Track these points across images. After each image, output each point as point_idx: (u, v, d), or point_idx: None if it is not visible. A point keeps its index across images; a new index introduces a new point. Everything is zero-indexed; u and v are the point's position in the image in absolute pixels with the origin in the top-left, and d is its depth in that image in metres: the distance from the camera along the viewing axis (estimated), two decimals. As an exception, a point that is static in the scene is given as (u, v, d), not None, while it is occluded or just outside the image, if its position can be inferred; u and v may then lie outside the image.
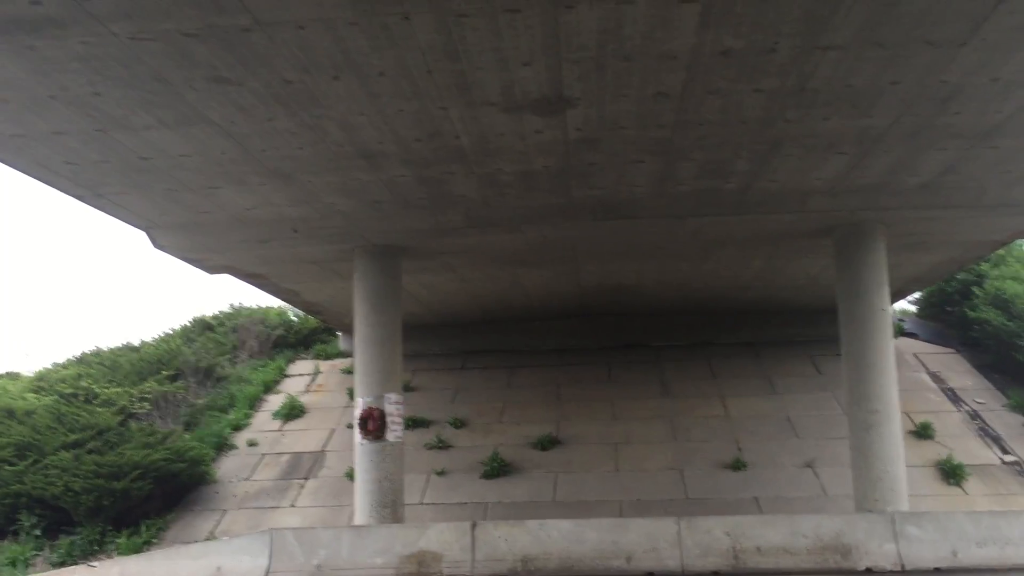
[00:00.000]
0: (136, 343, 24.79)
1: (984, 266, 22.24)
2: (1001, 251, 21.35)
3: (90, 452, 16.89)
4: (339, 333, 24.42)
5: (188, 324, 26.75)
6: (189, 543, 15.44)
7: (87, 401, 19.71)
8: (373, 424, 14.54)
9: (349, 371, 21.29)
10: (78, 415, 18.13)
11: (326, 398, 21.57)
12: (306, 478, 18.32)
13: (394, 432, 14.69)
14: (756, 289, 19.85)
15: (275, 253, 15.54)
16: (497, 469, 18.04)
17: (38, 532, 16.48)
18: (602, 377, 21.48)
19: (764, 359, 21.57)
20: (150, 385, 20.88)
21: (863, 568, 12.16)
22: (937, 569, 12.03)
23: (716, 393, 20.38)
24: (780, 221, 14.35)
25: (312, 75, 9.13)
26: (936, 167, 12.47)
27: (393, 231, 14.49)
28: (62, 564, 15.46)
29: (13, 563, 15.67)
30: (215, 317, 27.05)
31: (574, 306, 21.38)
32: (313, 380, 22.65)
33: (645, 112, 10.36)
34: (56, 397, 19.69)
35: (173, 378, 21.81)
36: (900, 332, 22.41)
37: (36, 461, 16.81)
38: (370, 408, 14.65)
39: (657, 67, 9.20)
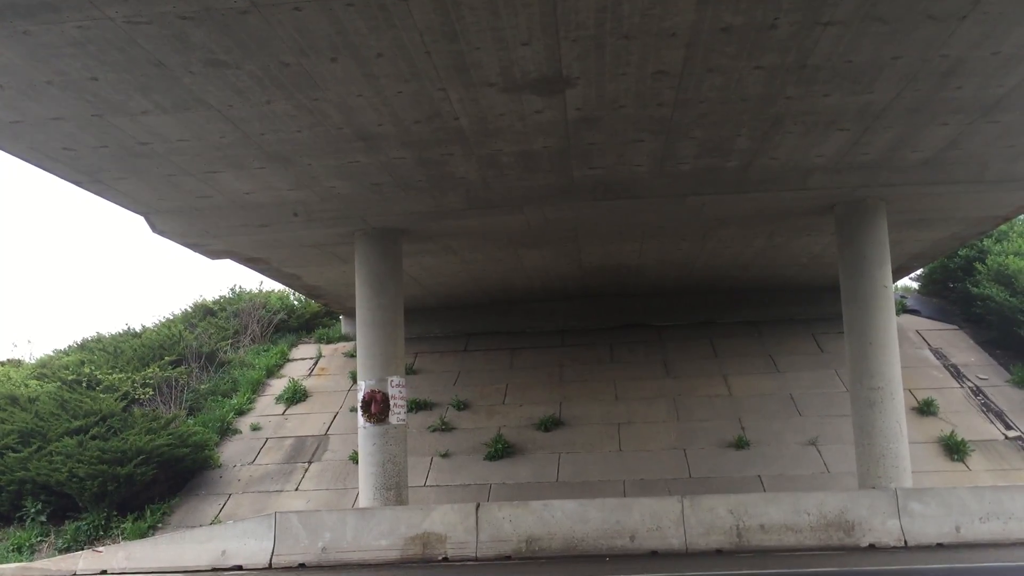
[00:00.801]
0: (138, 329, 24.82)
1: (987, 242, 22.21)
2: (1004, 226, 21.34)
3: (94, 438, 16.93)
4: (341, 317, 24.44)
5: (189, 309, 26.77)
6: (194, 527, 15.49)
7: (90, 387, 19.75)
8: (376, 407, 14.57)
9: (352, 355, 21.33)
10: (81, 401, 18.16)
11: (329, 382, 21.60)
12: (310, 461, 18.38)
13: (397, 415, 14.72)
14: (758, 268, 19.83)
15: (275, 237, 15.53)
16: (500, 451, 18.08)
17: (43, 518, 16.55)
18: (604, 357, 21.50)
19: (766, 337, 21.58)
20: (152, 371, 20.91)
21: (866, 544, 12.20)
22: (940, 544, 12.07)
23: (718, 372, 20.40)
24: (781, 199, 14.31)
25: (310, 57, 9.08)
26: (938, 142, 12.41)
27: (393, 214, 14.46)
28: (68, 550, 15.52)
29: (19, 549, 15.75)
30: (216, 302, 27.07)
31: (576, 287, 21.38)
32: (316, 364, 22.68)
33: (645, 90, 10.31)
34: (59, 384, 19.73)
35: (175, 363, 21.83)
36: (902, 309, 22.40)
37: (40, 448, 16.86)
38: (373, 391, 14.68)
39: (656, 45, 9.14)
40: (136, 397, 19.96)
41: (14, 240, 55.37)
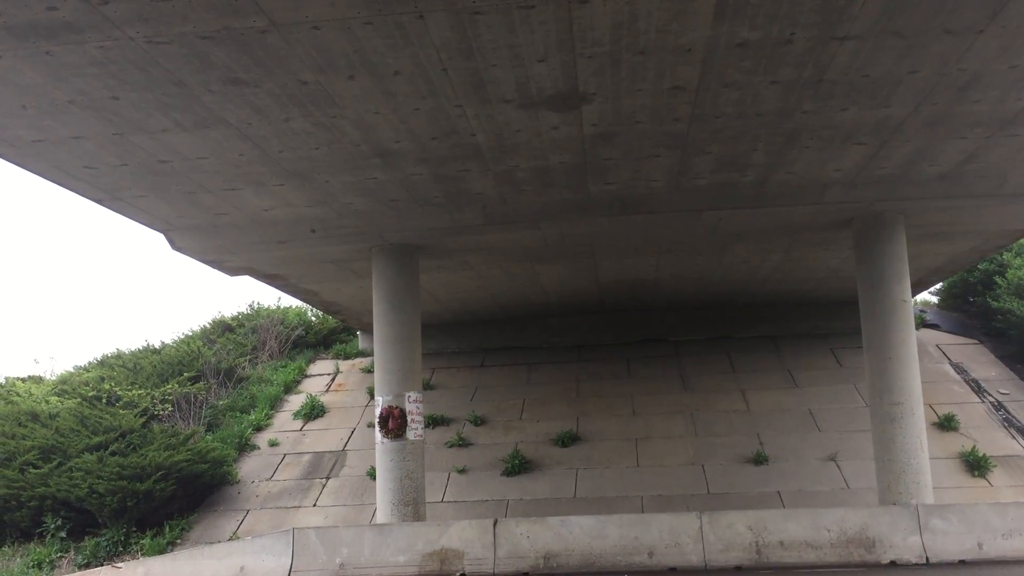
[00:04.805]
0: (157, 345, 24.96)
1: (1006, 255, 22.07)
2: (1023, 240, 21.15)
3: (113, 454, 17.02)
4: (358, 332, 24.50)
5: (208, 325, 26.90)
6: (212, 543, 15.52)
7: (110, 403, 19.86)
8: (393, 423, 14.57)
9: (369, 370, 21.36)
10: (101, 417, 18.27)
11: (346, 397, 21.64)
12: (327, 477, 18.39)
13: (414, 430, 14.72)
14: (775, 282, 19.76)
15: (293, 254, 15.60)
16: (518, 466, 18.04)
17: (63, 534, 16.63)
18: (621, 373, 21.45)
19: (784, 352, 21.47)
20: (172, 387, 21.01)
21: (887, 561, 12.09)
22: (962, 561, 11.94)
23: (736, 387, 20.31)
24: (798, 213, 14.27)
25: (328, 75, 9.15)
26: (956, 156, 12.36)
27: (410, 230, 14.52)
28: (87, 565, 15.60)
29: (39, 565, 15.82)
30: (235, 318, 27.19)
31: (592, 302, 21.36)
32: (333, 380, 22.72)
33: (661, 106, 10.33)
34: (79, 400, 19.85)
35: (194, 379, 21.93)
36: (922, 323, 22.24)
37: (60, 464, 16.96)
38: (390, 407, 14.69)
39: (672, 60, 9.16)
40: (155, 413, 20.06)
41: (36, 258, 55.89)
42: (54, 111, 9.69)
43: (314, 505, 17.49)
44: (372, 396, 17.19)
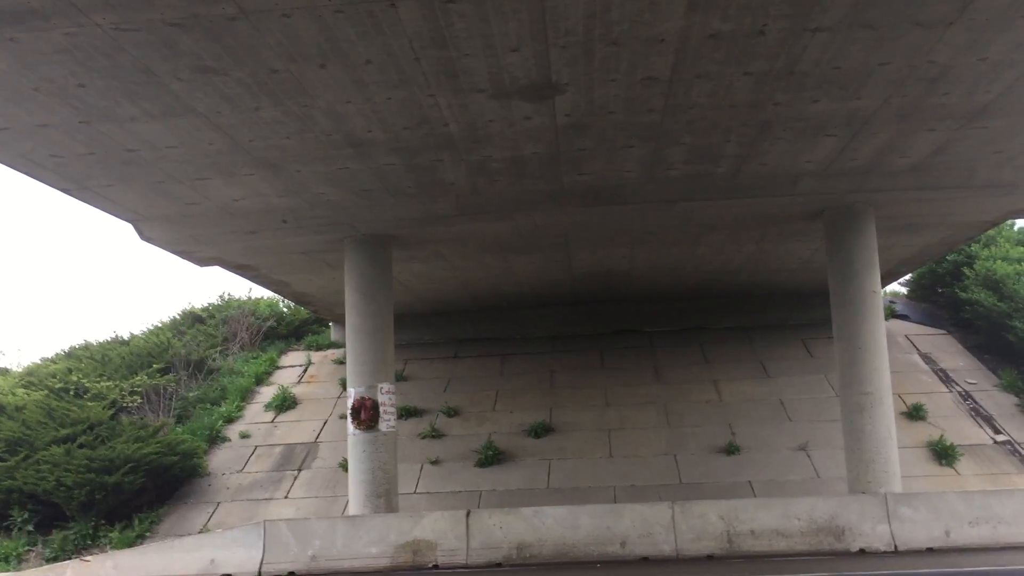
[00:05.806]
0: (126, 336, 24.67)
1: (975, 247, 22.31)
2: (991, 231, 21.41)
3: (81, 447, 16.82)
4: (331, 323, 24.37)
5: (178, 316, 26.65)
6: (183, 536, 15.38)
7: (77, 395, 19.62)
8: (366, 414, 14.52)
9: (341, 361, 21.25)
10: (69, 410, 18.05)
11: (318, 389, 21.53)
12: (299, 469, 18.30)
13: (387, 422, 14.68)
14: (748, 273, 19.87)
15: (264, 244, 15.48)
16: (491, 457, 18.04)
17: (30, 527, 16.43)
18: (595, 364, 21.49)
19: (756, 343, 21.61)
20: (141, 379, 20.79)
21: (857, 549, 12.21)
22: (930, 549, 12.09)
23: (709, 378, 20.42)
24: (771, 204, 14.35)
25: (298, 64, 9.07)
26: (926, 148, 12.47)
27: (383, 220, 14.44)
28: (55, 559, 15.41)
29: (6, 559, 15.62)
30: (205, 309, 26.95)
31: (566, 293, 21.37)
32: (305, 371, 22.60)
33: (634, 97, 10.33)
34: (46, 392, 19.58)
35: (164, 371, 21.71)
36: (891, 314, 22.46)
37: (27, 456, 16.74)
38: (363, 398, 14.63)
39: (645, 51, 9.16)
40: (124, 405, 19.84)
41: (1, 247, 55.10)
42: (19, 99, 9.52)
43: (286, 497, 17.40)
44: (344, 388, 17.10)
